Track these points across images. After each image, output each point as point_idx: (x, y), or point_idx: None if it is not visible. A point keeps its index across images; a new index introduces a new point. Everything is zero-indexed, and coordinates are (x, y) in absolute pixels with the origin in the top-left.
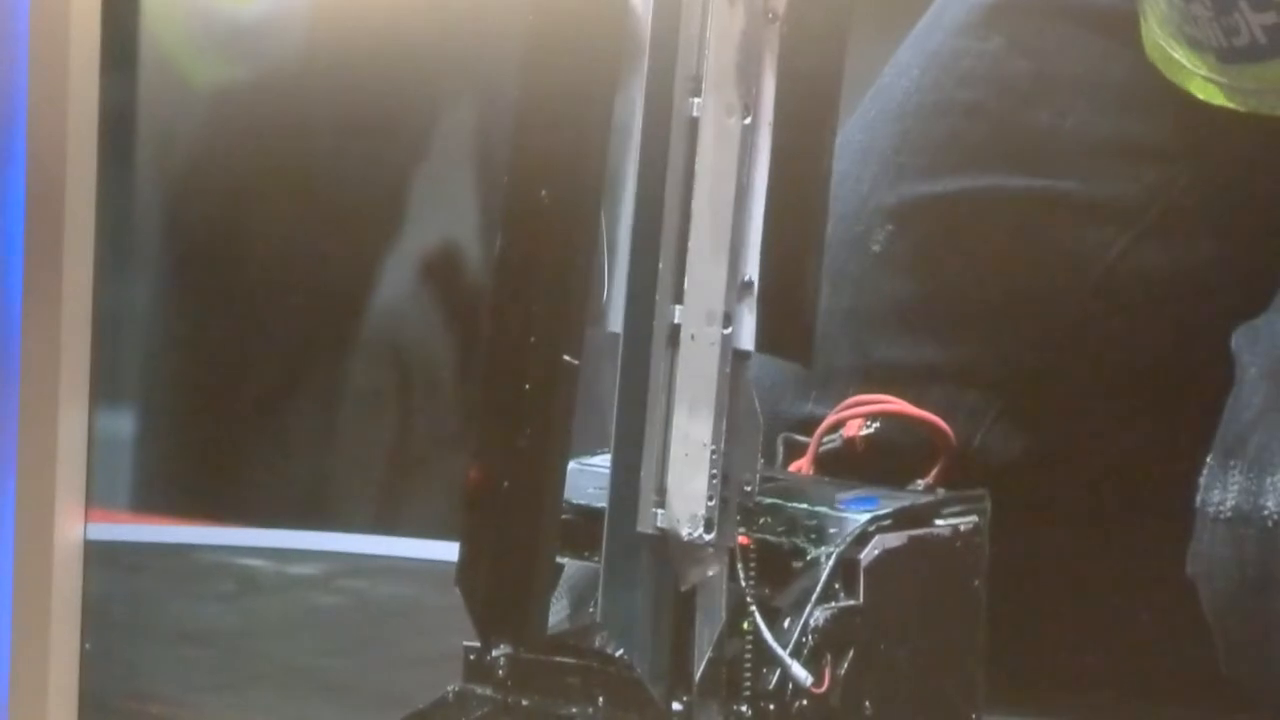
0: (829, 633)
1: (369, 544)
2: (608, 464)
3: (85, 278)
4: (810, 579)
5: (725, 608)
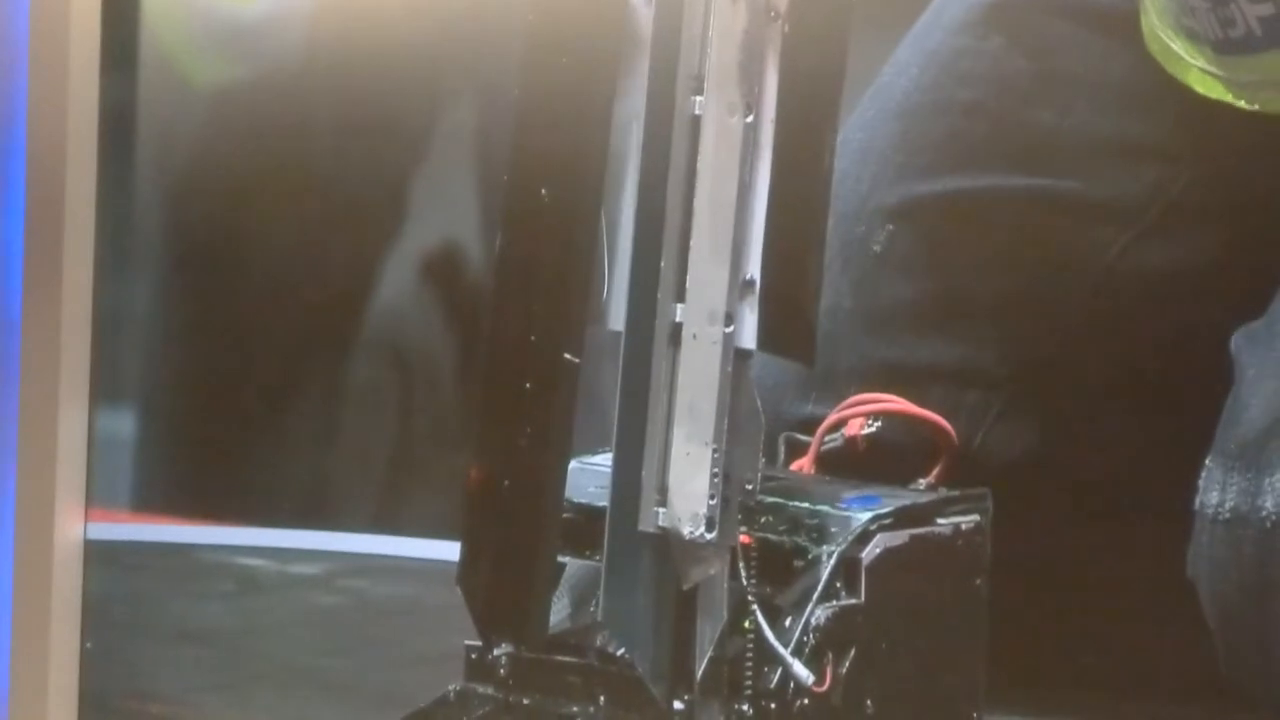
0: (830, 632)
1: (370, 543)
2: (609, 463)
3: (85, 278)
4: (812, 578)
5: (726, 607)
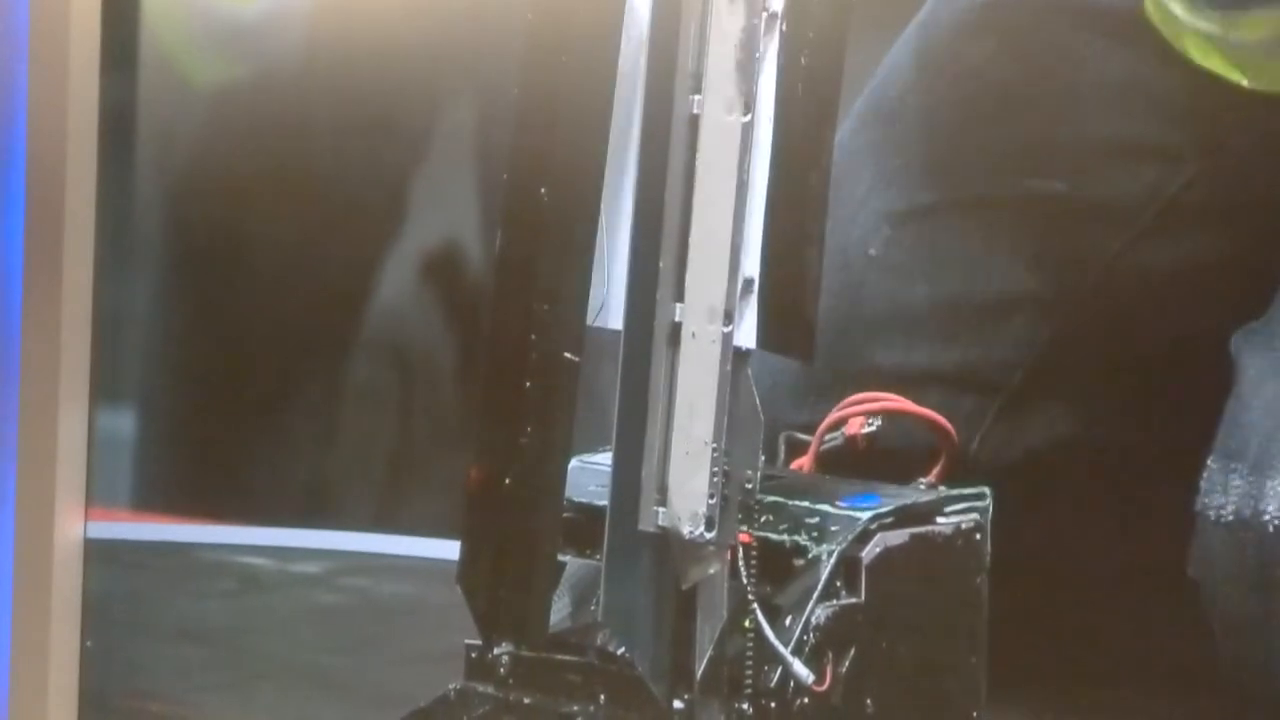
0: (831, 631)
1: (370, 542)
2: (609, 462)
3: (85, 278)
4: (812, 577)
5: (726, 606)
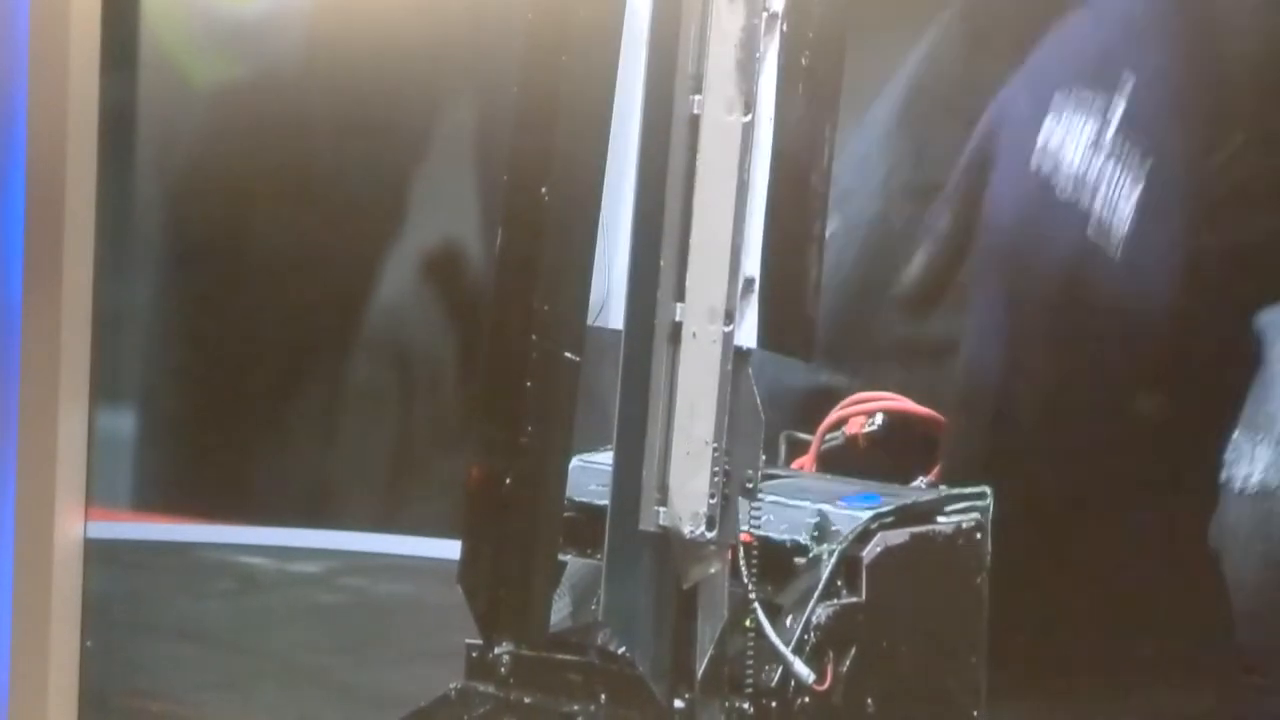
0: (831, 630)
1: (370, 542)
2: (609, 461)
3: (85, 278)
4: (813, 576)
5: (727, 605)
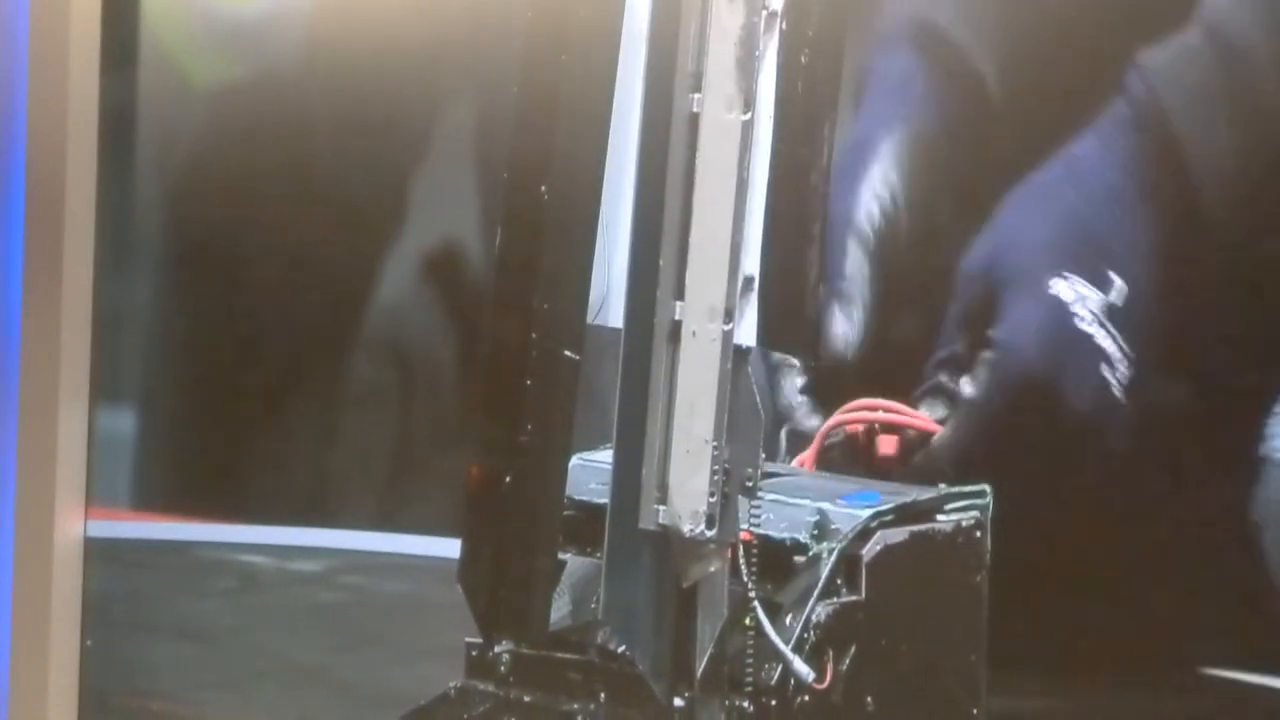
0: (831, 628)
1: (370, 540)
2: (609, 460)
3: (85, 278)
4: (812, 575)
5: (727, 603)
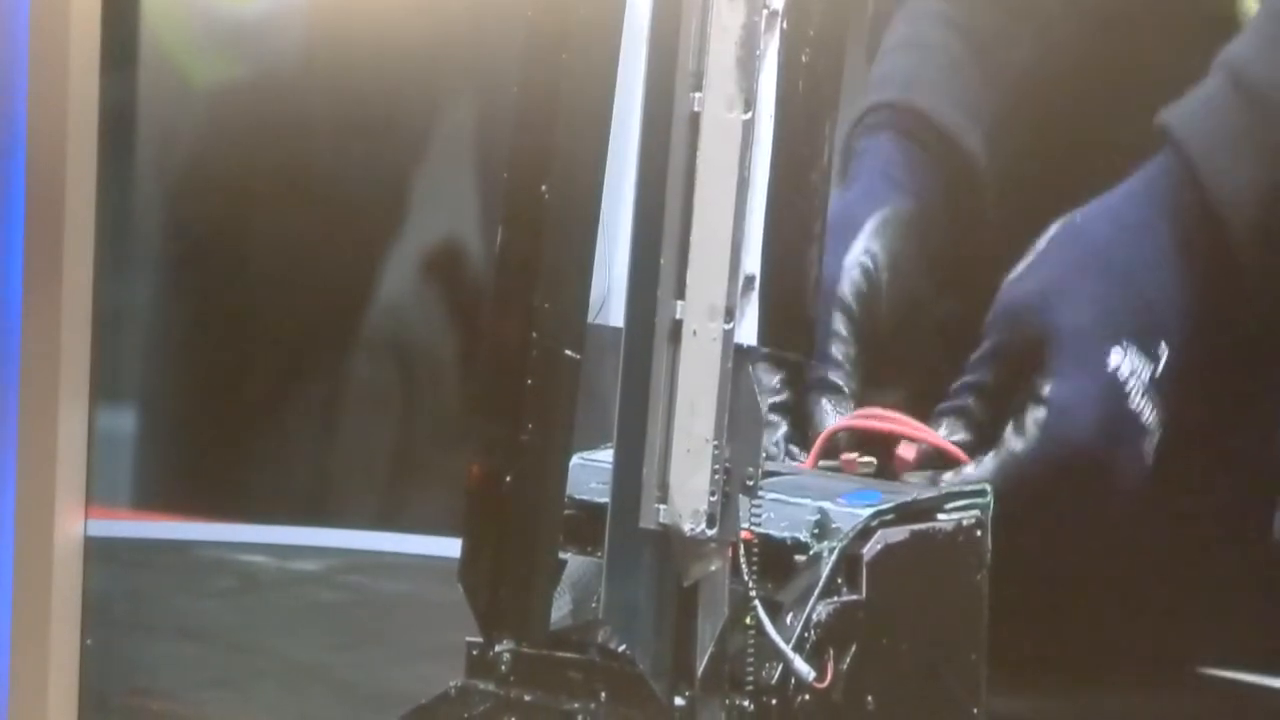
0: (832, 627)
1: (370, 540)
2: (610, 459)
3: (85, 278)
4: (813, 574)
5: (727, 603)
